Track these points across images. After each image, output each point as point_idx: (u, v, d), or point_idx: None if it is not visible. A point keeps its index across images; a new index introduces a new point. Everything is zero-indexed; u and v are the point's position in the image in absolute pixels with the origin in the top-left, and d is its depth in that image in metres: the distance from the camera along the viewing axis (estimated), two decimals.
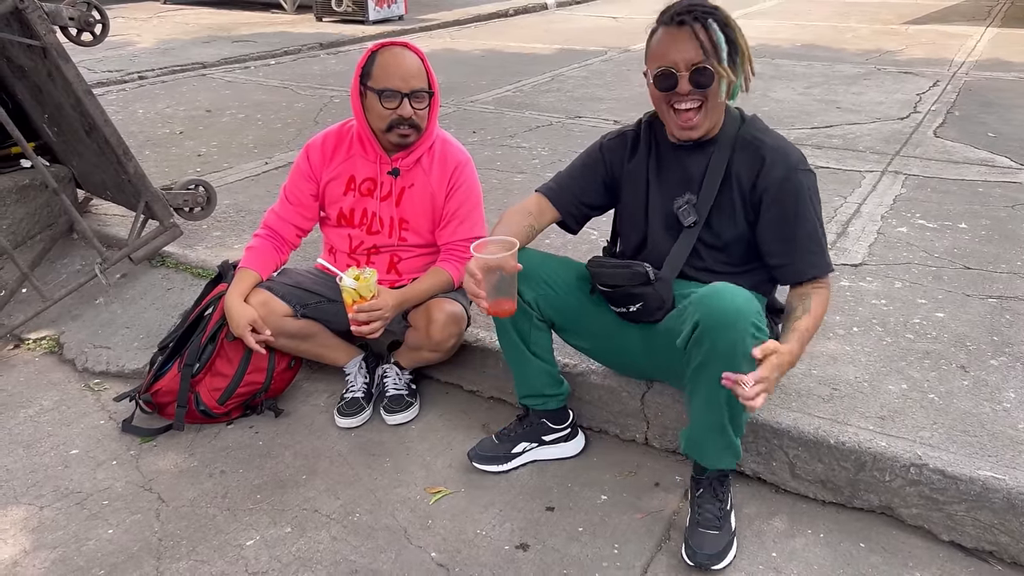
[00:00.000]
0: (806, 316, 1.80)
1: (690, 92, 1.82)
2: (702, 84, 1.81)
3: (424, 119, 2.25)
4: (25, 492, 2.14)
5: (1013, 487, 1.77)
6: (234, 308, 2.25)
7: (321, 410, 2.48)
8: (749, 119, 1.97)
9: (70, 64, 2.81)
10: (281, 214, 2.41)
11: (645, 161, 2.03)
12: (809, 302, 1.84)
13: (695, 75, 1.80)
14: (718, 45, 1.79)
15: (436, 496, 2.09)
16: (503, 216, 2.09)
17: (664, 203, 1.99)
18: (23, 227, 3.40)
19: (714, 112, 1.87)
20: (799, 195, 1.87)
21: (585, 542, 1.92)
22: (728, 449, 1.84)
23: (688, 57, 1.79)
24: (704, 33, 1.79)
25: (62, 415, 2.49)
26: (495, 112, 5.55)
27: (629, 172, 2.06)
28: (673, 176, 1.99)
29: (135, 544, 1.95)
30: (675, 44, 1.81)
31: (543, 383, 2.15)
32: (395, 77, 2.17)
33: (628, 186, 2.06)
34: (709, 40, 1.79)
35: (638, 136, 2.06)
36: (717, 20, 1.81)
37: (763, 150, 1.89)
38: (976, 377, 2.20)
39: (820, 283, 1.89)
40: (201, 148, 4.76)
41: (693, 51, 1.79)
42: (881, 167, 4.11)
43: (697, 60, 1.79)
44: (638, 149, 2.05)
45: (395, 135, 2.23)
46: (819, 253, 1.89)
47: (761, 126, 1.97)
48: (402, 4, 10.39)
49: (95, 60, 7.24)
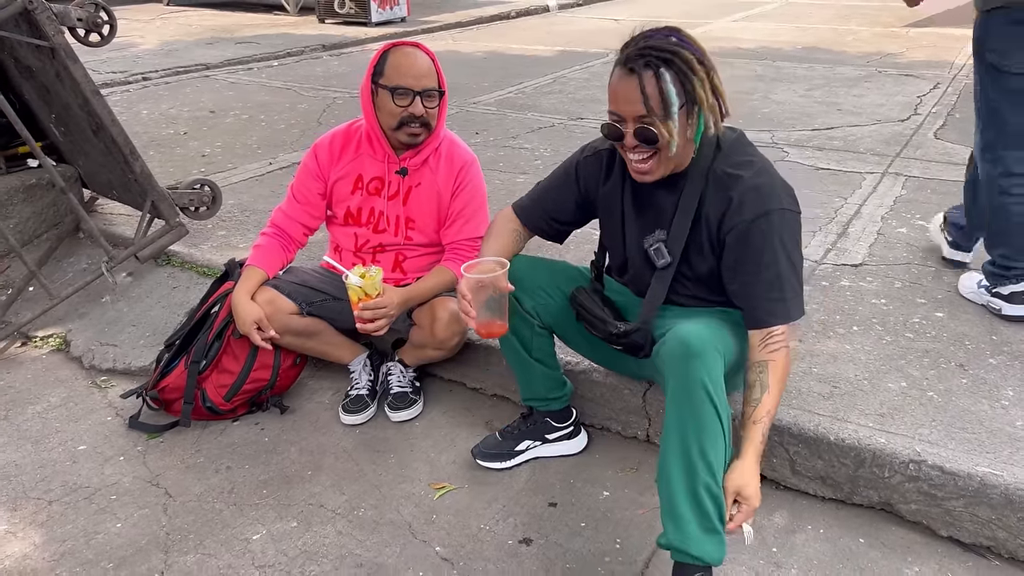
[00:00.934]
0: (766, 396, 1.68)
1: (636, 146, 1.72)
2: (648, 140, 1.69)
3: (434, 118, 2.28)
4: (34, 487, 2.17)
5: (1011, 483, 1.79)
6: (240, 306, 2.28)
7: (326, 407, 2.50)
8: (729, 145, 1.81)
9: (78, 64, 2.83)
10: (289, 213, 2.43)
11: (620, 189, 1.94)
12: (766, 376, 1.70)
13: (639, 131, 1.69)
14: (667, 99, 1.64)
15: (440, 492, 2.12)
16: (491, 227, 2.08)
17: (638, 238, 1.93)
18: (30, 226, 3.43)
19: (671, 159, 1.75)
20: (767, 238, 1.72)
21: (587, 537, 1.95)
22: (705, 524, 1.63)
23: (633, 110, 1.67)
24: (653, 84, 1.64)
25: (70, 411, 2.52)
26: (497, 113, 5.58)
27: (604, 196, 1.98)
28: (646, 210, 1.90)
29: (143, 538, 1.97)
30: (622, 92, 1.68)
31: (546, 387, 2.17)
32: (408, 76, 2.20)
33: (604, 210, 2.00)
34: (657, 94, 1.64)
35: (613, 158, 1.95)
36: (672, 69, 1.64)
37: (733, 190, 1.75)
38: (975, 375, 2.22)
39: (776, 343, 1.73)
40: (205, 149, 4.79)
41: (638, 104, 1.66)
42: (882, 168, 4.13)
43: (641, 115, 1.67)
44: (613, 170, 1.95)
45: (405, 133, 2.25)
46: (780, 300, 1.74)
47: (741, 156, 1.80)
48: (404, 6, 10.43)
49: (99, 61, 7.27)
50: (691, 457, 1.61)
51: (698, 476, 1.60)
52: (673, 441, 1.64)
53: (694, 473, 1.60)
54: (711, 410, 1.61)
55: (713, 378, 1.62)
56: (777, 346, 1.74)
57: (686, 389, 1.62)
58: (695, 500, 1.61)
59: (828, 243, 3.16)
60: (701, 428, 1.61)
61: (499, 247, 2.01)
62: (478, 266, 1.84)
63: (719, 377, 1.64)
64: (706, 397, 1.60)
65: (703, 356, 1.63)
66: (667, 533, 1.65)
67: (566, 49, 8.41)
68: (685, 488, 1.61)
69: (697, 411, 1.61)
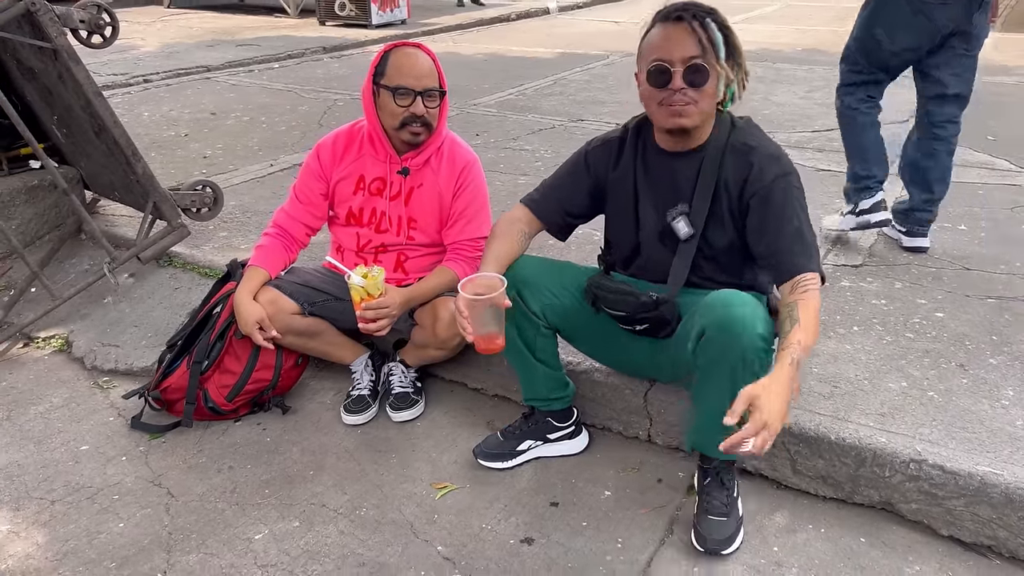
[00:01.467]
0: (795, 329, 1.68)
1: (683, 89, 1.76)
2: (696, 83, 1.75)
3: (435, 118, 2.28)
4: (37, 487, 2.17)
5: (1011, 482, 1.80)
6: (242, 306, 2.28)
7: (328, 407, 2.51)
8: (741, 124, 1.92)
9: (80, 66, 2.84)
10: (291, 213, 2.44)
11: (632, 168, 1.98)
12: (796, 311, 1.71)
13: (690, 72, 1.75)
14: (716, 43, 1.76)
15: (442, 491, 2.12)
16: (495, 228, 2.09)
17: (655, 213, 1.95)
18: (32, 227, 3.43)
19: (708, 110, 1.82)
20: (787, 198, 1.81)
21: (589, 536, 1.95)
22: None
23: (684, 53, 1.74)
24: (702, 30, 1.75)
25: (72, 412, 2.52)
26: (498, 115, 5.59)
27: (615, 180, 2.01)
28: (662, 185, 1.94)
29: (145, 537, 1.98)
30: (671, 39, 1.76)
31: (549, 388, 2.17)
32: (409, 76, 2.20)
33: (614, 195, 2.02)
34: (707, 38, 1.75)
35: (623, 142, 2.00)
36: (716, 21, 1.78)
37: (752, 156, 1.84)
38: (975, 375, 2.22)
39: (806, 285, 1.76)
40: (206, 150, 4.80)
41: (691, 46, 1.74)
42: None
43: (694, 55, 1.74)
44: (623, 155, 1.99)
45: (407, 133, 2.26)
46: (804, 253, 1.79)
47: (753, 131, 1.91)
48: (405, 8, 10.45)
49: (100, 63, 7.28)
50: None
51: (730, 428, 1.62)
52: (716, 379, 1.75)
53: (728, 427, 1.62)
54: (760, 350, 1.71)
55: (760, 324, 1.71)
56: (808, 287, 1.75)
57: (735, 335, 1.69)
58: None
59: (829, 243, 3.17)
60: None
61: (504, 249, 2.02)
62: (476, 281, 1.84)
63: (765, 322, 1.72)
64: (757, 337, 1.69)
65: (753, 304, 1.73)
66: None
67: (566, 51, 8.42)
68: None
69: (750, 348, 1.69)
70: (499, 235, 2.06)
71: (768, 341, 1.72)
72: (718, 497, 1.90)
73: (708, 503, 1.91)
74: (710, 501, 1.91)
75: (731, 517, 1.90)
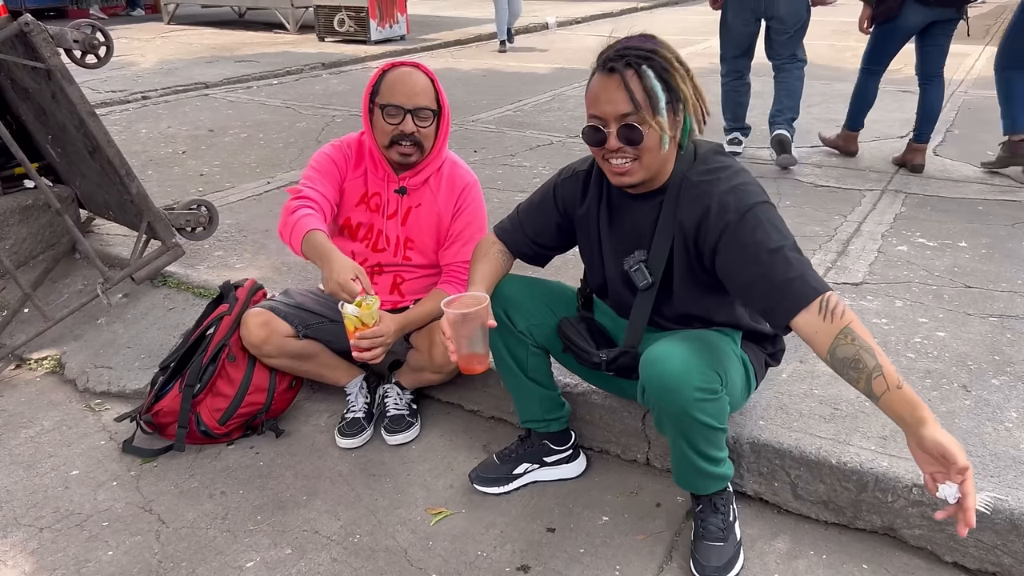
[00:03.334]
0: (880, 358, 1.49)
1: (620, 148, 1.67)
2: (632, 140, 1.65)
3: (428, 138, 2.26)
4: (25, 513, 2.14)
5: (1016, 508, 1.76)
6: (337, 259, 2.01)
7: (322, 430, 2.48)
8: (702, 154, 1.78)
9: (74, 86, 2.83)
10: (312, 185, 2.25)
11: (596, 209, 1.91)
12: (860, 338, 1.51)
13: (623, 130, 1.65)
14: (652, 95, 1.63)
15: (437, 517, 2.09)
16: (476, 250, 2.05)
17: (616, 258, 1.89)
18: (26, 247, 3.41)
19: (653, 163, 1.71)
20: (760, 226, 1.64)
21: (586, 564, 1.91)
22: (711, 477, 1.84)
23: (616, 110, 1.64)
24: (636, 82, 1.63)
25: (63, 435, 2.49)
26: (496, 131, 5.58)
27: (581, 217, 1.95)
28: (623, 229, 1.87)
29: (135, 566, 1.94)
30: (604, 93, 1.66)
31: (543, 408, 2.14)
32: (399, 93, 2.19)
33: (581, 232, 1.97)
34: (642, 90, 1.63)
35: (589, 176, 1.93)
36: (653, 67, 1.64)
37: (707, 197, 1.70)
38: (978, 396, 2.19)
39: (833, 302, 1.55)
40: (204, 168, 4.79)
41: (622, 103, 1.63)
42: (881, 186, 4.12)
43: (625, 112, 1.64)
44: (588, 193, 1.92)
45: (396, 152, 2.24)
46: (802, 276, 1.59)
47: (715, 163, 1.76)
48: (404, 24, 10.47)
49: (99, 80, 7.29)
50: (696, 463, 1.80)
51: (701, 468, 1.80)
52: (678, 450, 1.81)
53: (699, 468, 1.81)
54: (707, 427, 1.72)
55: (701, 399, 1.68)
56: (842, 308, 1.54)
57: (675, 417, 1.71)
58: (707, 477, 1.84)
59: (828, 261, 3.14)
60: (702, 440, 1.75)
61: (490, 269, 1.99)
62: (460, 299, 1.81)
63: (710, 396, 1.69)
64: (694, 389, 1.67)
65: (689, 356, 1.68)
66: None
67: (565, 66, 8.43)
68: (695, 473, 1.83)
69: (687, 402, 1.68)
70: (481, 256, 2.03)
71: (710, 390, 1.67)
72: (713, 522, 1.87)
73: (704, 528, 1.88)
74: (706, 527, 1.87)
75: (728, 542, 1.86)
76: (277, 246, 3.42)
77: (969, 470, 1.38)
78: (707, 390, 1.67)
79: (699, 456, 1.78)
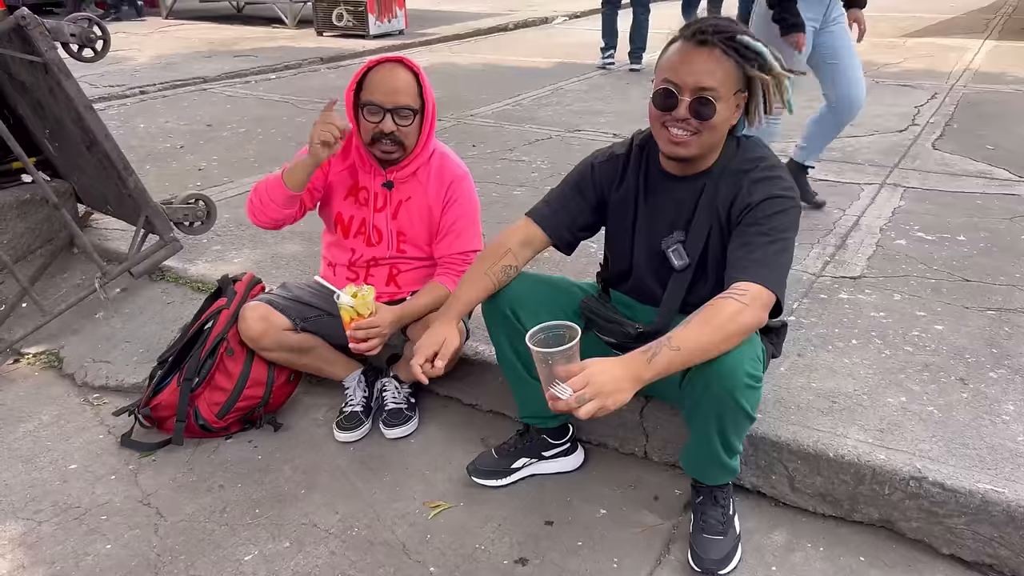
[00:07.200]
0: (677, 329, 1.59)
1: (686, 119, 1.69)
2: (703, 115, 1.67)
3: (409, 136, 2.24)
4: (23, 507, 2.14)
5: (1013, 500, 1.76)
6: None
7: (320, 424, 2.48)
8: (746, 144, 1.83)
9: (71, 80, 2.82)
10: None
11: (634, 190, 1.92)
12: (692, 315, 1.61)
13: (697, 103, 1.66)
14: (735, 77, 1.67)
15: (435, 510, 2.09)
16: (478, 261, 1.99)
17: (651, 238, 1.90)
18: (23, 242, 3.41)
19: (709, 142, 1.74)
20: (769, 217, 1.70)
21: (584, 556, 1.92)
22: (724, 469, 1.85)
23: (697, 81, 1.65)
24: (725, 60, 1.65)
25: (61, 429, 2.49)
26: (495, 126, 5.57)
27: (617, 200, 1.95)
28: (662, 211, 1.88)
29: (133, 559, 1.94)
30: (687, 63, 1.66)
31: (543, 405, 2.13)
32: (379, 92, 2.17)
33: (615, 214, 1.97)
34: (726, 70, 1.66)
35: (628, 159, 1.94)
36: (741, 53, 1.67)
37: (743, 178, 1.76)
38: (975, 390, 2.20)
39: (737, 290, 1.62)
40: (202, 162, 4.78)
41: (706, 76, 1.65)
42: (880, 180, 4.12)
43: (707, 86, 1.65)
44: (627, 174, 1.93)
45: (378, 150, 2.24)
46: (761, 264, 1.65)
47: (757, 152, 1.81)
48: (402, 18, 10.44)
49: (97, 75, 7.27)
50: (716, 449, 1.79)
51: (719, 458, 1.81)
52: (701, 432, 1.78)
53: (717, 457, 1.81)
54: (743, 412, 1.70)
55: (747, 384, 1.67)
56: (729, 296, 1.62)
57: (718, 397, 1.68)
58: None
59: (827, 255, 3.14)
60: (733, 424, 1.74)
61: (471, 297, 1.95)
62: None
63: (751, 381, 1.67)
64: (744, 375, 1.64)
65: (735, 372, 1.64)
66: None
67: (564, 61, 8.41)
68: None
69: (737, 387, 1.65)
70: (468, 280, 1.97)
71: (756, 378, 1.67)
72: (713, 515, 1.88)
73: (703, 521, 1.88)
74: (705, 519, 1.88)
75: (728, 536, 1.87)
76: (275, 240, 3.41)
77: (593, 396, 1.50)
78: (755, 377, 1.67)
79: (723, 444, 1.77)
